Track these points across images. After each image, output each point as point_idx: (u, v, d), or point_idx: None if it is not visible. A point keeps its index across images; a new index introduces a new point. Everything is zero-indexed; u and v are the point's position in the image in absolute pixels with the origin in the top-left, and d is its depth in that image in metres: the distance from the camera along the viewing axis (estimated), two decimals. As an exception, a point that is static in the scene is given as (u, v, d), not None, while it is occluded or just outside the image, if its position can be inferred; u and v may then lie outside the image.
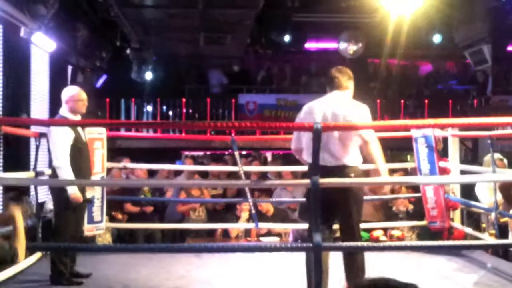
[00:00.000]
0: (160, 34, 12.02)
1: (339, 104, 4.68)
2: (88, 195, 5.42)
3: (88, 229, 6.17)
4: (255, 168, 9.04)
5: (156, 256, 6.20)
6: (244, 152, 11.80)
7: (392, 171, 8.52)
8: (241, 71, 15.44)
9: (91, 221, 6.23)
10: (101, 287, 5.22)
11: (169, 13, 10.58)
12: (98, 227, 6.39)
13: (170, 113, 14.33)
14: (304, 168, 5.10)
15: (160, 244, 7.32)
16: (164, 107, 14.30)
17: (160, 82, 14.35)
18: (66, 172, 5.04)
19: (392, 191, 8.33)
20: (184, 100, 13.88)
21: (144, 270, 5.77)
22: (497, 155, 7.05)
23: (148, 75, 13.55)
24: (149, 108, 14.37)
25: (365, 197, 8.32)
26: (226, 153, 11.94)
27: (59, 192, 5.18)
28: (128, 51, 12.94)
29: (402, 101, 14.03)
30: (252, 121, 12.26)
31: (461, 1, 13.11)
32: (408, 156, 11.05)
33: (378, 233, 7.62)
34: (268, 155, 13.69)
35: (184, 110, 13.79)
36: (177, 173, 9.33)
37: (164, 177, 8.37)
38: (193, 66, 15.10)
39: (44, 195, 7.69)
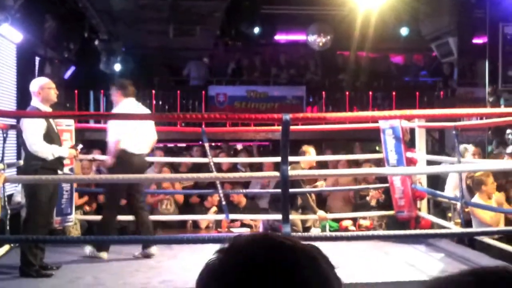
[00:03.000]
0: (129, 25, 11.93)
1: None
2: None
3: (56, 221, 6.14)
4: (226, 159, 9.08)
5: (127, 247, 6.20)
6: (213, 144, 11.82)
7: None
8: (211, 63, 15.42)
9: (60, 213, 6.19)
10: (71, 279, 5.21)
11: (139, 4, 10.51)
12: (67, 219, 6.36)
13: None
14: (277, 159, 5.17)
15: (130, 235, 7.30)
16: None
17: (130, 74, 14.21)
18: (47, 150, 5.21)
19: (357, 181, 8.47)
20: (154, 92, 13.80)
21: (115, 262, 5.77)
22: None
23: (117, 67, 13.43)
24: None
25: (335, 188, 8.49)
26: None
27: (31, 184, 5.21)
28: (96, 42, 12.80)
29: (370, 93, 14.19)
30: (222, 113, 12.26)
31: (428, -6, 13.31)
32: (377, 147, 11.20)
33: (347, 223, 7.75)
34: (239, 146, 13.73)
35: (154, 102, 13.71)
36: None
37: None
38: (163, 58, 15.01)
39: (11, 187, 7.60)
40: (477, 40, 14.32)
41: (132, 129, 5.96)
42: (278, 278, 0.94)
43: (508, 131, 9.20)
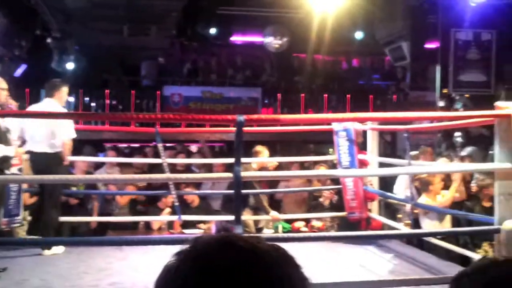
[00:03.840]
0: (83, 23, 11.74)
1: None
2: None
3: (3, 223, 5.97)
4: (179, 160, 9.01)
5: (76, 249, 6.08)
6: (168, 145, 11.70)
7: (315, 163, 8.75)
8: (167, 63, 15.31)
9: (7, 214, 6.03)
10: (17, 281, 5.07)
11: (93, 2, 10.35)
12: (14, 220, 6.19)
13: (93, 104, 14.02)
14: (231, 160, 5.15)
15: (79, 237, 7.17)
16: (87, 98, 13.97)
17: (83, 73, 14.01)
18: None
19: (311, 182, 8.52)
20: (107, 91, 13.61)
21: (63, 264, 5.65)
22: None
23: (70, 65, 13.19)
24: (71, 99, 13.98)
25: (286, 189, 8.52)
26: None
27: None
28: (49, 40, 12.55)
29: (325, 95, 14.33)
30: (176, 113, 12.16)
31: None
32: (330, 150, 11.31)
33: (299, 224, 7.78)
34: (193, 147, 13.64)
35: (108, 102, 13.52)
36: (99, 165, 9.15)
37: (82, 170, 8.14)
38: (117, 57, 14.82)
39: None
40: (429, 45, 14.63)
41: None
42: (240, 280, 0.93)
43: (456, 134, 9.42)
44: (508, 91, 11.47)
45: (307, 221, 7.86)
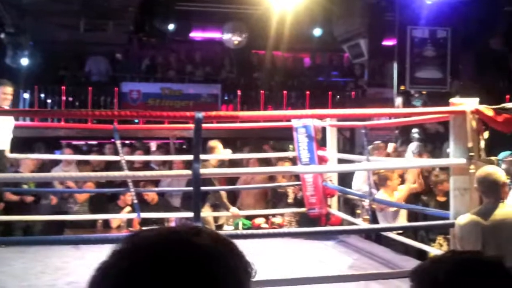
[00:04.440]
0: (38, 18, 11.49)
1: None
2: None
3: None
4: (137, 157, 8.92)
5: (32, 248, 5.96)
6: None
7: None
8: (125, 59, 15.10)
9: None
10: (-30, 283, 4.95)
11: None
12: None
13: (49, 101, 13.73)
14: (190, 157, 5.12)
15: (34, 236, 7.02)
16: (42, 95, 13.68)
17: (38, 69, 13.70)
18: None
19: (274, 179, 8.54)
20: (63, 87, 13.34)
21: (18, 264, 5.52)
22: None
23: (24, 61, 12.90)
24: (26, 95, 13.68)
25: (248, 186, 8.53)
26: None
27: None
28: (2, 35, 12.24)
29: (285, 92, 14.36)
30: (134, 110, 12.03)
31: (341, -3, 13.65)
32: (291, 146, 11.37)
33: (259, 221, 7.80)
34: (153, 144, 13.51)
35: (64, 98, 13.26)
36: (55, 162, 8.97)
37: (29, 168, 7.95)
38: (73, 53, 14.55)
39: None
40: (386, 42, 14.82)
41: None
42: (177, 274, 0.91)
43: (413, 130, 9.56)
44: (463, 88, 11.72)
45: (267, 217, 7.88)
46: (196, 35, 16.11)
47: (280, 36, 13.51)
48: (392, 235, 6.19)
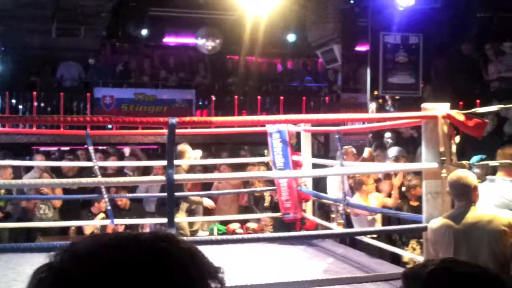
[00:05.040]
0: (9, 23, 11.34)
1: None
2: None
3: None
4: (111, 163, 8.84)
5: (3, 256, 5.85)
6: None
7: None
8: (97, 64, 14.97)
9: None
10: None
11: (20, 2, 10.00)
12: None
13: (20, 107, 13.55)
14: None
15: (5, 244, 6.90)
16: (14, 101, 13.49)
17: (9, 74, 13.53)
18: None
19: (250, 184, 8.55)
20: (35, 93, 13.18)
21: (-11, 273, 5.43)
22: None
23: (-5, 67, 12.72)
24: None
25: (223, 191, 8.51)
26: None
27: None
28: (-28, 40, 12.06)
29: (259, 97, 14.38)
30: (108, 116, 11.94)
31: (314, 3, 13.73)
32: (266, 151, 11.39)
33: (234, 226, 7.78)
34: (126, 150, 13.41)
35: (36, 104, 13.09)
36: (28, 169, 8.86)
37: (8, 176, 7.82)
38: (45, 58, 14.39)
39: None
40: (360, 48, 14.95)
41: None
42: (139, 282, 0.90)
43: (387, 135, 9.65)
44: (435, 93, 11.86)
45: (242, 222, 7.88)
46: (170, 40, 16.06)
47: (254, 41, 13.54)
48: (367, 239, 6.22)
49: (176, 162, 6.11)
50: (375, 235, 6.33)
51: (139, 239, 0.96)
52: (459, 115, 4.76)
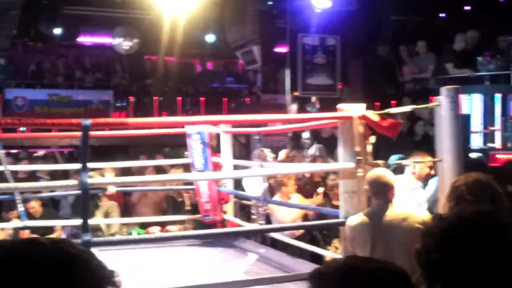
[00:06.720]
0: None
1: None
2: None
3: None
4: (23, 167, 8.50)
5: None
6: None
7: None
8: (8, 64, 14.34)
9: None
10: None
11: None
12: None
13: None
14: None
15: None
16: None
17: None
18: None
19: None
20: None
21: None
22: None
23: None
24: None
25: (143, 188, 8.33)
26: None
27: None
28: None
29: (179, 98, 14.21)
30: (18, 118, 11.45)
31: (233, 4, 13.72)
32: (186, 153, 11.26)
33: (154, 229, 7.64)
34: (41, 153, 12.91)
35: None
36: None
37: None
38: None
39: None
40: (279, 49, 15.06)
41: None
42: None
43: (304, 135, 9.77)
44: (352, 94, 12.13)
45: (163, 225, 7.75)
46: (85, 39, 15.62)
47: (172, 41, 13.37)
48: (288, 239, 6.26)
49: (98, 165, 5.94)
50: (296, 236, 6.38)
51: (37, 243, 0.96)
52: (374, 115, 4.85)
